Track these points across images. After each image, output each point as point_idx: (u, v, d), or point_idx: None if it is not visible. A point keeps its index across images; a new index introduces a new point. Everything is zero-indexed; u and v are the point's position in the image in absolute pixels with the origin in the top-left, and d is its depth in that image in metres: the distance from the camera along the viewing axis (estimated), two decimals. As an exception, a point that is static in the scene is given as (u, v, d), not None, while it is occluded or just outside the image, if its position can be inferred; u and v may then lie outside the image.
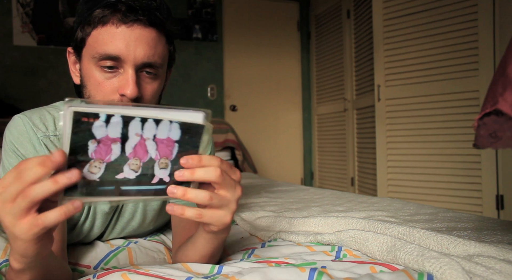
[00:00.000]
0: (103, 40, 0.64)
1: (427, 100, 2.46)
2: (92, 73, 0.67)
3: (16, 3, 3.11)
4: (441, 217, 1.00)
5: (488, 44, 2.19)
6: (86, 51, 0.67)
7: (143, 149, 0.48)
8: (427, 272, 0.54)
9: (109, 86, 0.67)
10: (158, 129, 0.48)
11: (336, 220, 0.87)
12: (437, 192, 2.43)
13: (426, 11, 2.44)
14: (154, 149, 0.48)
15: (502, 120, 0.45)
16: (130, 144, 0.47)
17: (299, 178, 4.13)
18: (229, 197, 0.53)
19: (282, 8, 4.04)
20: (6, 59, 3.10)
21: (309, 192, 1.57)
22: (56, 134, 0.75)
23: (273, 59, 4.00)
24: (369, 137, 2.96)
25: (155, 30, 0.67)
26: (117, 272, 0.57)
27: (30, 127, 0.72)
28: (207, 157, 0.51)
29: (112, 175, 0.47)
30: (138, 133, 0.47)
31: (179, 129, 0.49)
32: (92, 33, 0.66)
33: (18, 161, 0.71)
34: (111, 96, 0.67)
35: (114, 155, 0.46)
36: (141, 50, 0.65)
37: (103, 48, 0.64)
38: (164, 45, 0.70)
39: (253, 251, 0.76)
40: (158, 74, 0.70)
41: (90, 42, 0.66)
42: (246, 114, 3.88)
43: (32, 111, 0.76)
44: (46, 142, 0.73)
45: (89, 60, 0.67)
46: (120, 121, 0.45)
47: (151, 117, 0.46)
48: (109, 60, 0.65)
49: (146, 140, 0.47)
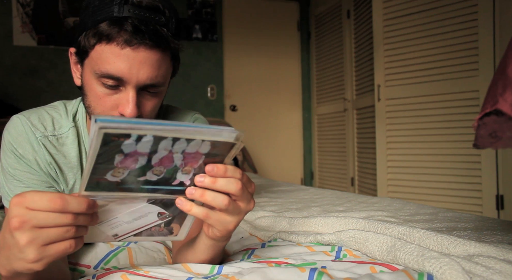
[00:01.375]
0: (106, 59, 0.62)
1: (427, 100, 2.46)
2: (93, 86, 0.66)
3: (16, 3, 3.11)
4: (441, 217, 1.00)
5: (488, 44, 2.19)
6: (89, 63, 0.65)
7: (170, 159, 0.47)
8: (427, 272, 0.54)
9: (110, 102, 0.66)
10: (188, 146, 0.47)
11: (336, 220, 0.87)
12: (437, 192, 2.43)
13: (426, 11, 2.44)
14: (181, 159, 0.48)
15: (502, 120, 0.45)
16: (158, 156, 0.46)
17: (299, 178, 4.13)
18: (242, 208, 0.54)
19: (282, 8, 4.04)
20: (6, 59, 3.10)
21: (309, 192, 1.56)
22: (54, 134, 0.74)
23: (273, 59, 4.00)
24: (369, 137, 2.96)
25: (160, 51, 0.65)
26: (116, 273, 0.57)
27: (29, 128, 0.72)
28: (231, 168, 0.51)
29: (134, 178, 0.47)
30: (167, 148, 0.46)
31: (209, 146, 0.48)
32: (96, 48, 0.63)
33: (17, 161, 0.71)
34: (110, 112, 0.66)
35: (140, 164, 0.46)
36: (144, 73, 0.64)
37: (106, 68, 0.63)
38: (168, 64, 0.68)
39: (253, 251, 0.76)
40: (160, 91, 0.70)
41: (93, 56, 0.64)
42: (246, 114, 3.88)
43: (30, 112, 0.75)
44: (44, 142, 0.73)
45: (91, 73, 0.65)
46: (151, 140, 0.44)
47: (184, 137, 0.45)
48: (110, 80, 0.64)
49: (174, 153, 0.47)
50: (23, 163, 0.72)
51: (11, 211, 0.43)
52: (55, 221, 0.43)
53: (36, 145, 0.72)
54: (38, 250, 0.43)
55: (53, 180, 0.74)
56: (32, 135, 0.72)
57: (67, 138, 0.76)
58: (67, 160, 0.75)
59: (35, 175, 0.72)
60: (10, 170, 0.72)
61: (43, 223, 0.43)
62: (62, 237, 0.44)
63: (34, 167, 0.72)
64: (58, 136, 0.75)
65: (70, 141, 0.76)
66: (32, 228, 0.42)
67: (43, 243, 0.43)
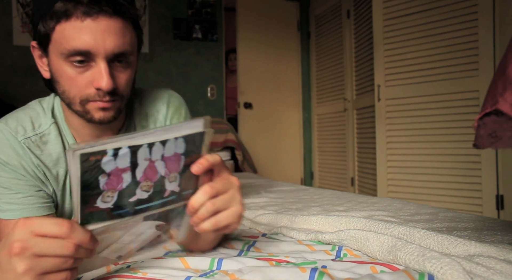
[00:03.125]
0: (69, 35, 0.62)
1: (427, 100, 2.46)
2: (63, 69, 0.65)
3: (16, 3, 3.11)
4: (441, 217, 1.00)
5: (488, 44, 2.19)
6: (53, 47, 0.64)
7: (153, 170, 0.48)
8: (427, 272, 0.54)
9: (83, 81, 0.65)
10: (165, 148, 0.48)
11: (337, 219, 0.87)
12: (437, 192, 2.43)
13: (426, 11, 2.44)
14: (163, 167, 0.49)
15: (502, 120, 0.45)
16: (140, 169, 0.47)
17: (299, 178, 4.13)
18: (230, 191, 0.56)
19: (282, 8, 4.04)
20: (6, 59, 3.10)
21: (309, 192, 1.57)
22: (36, 133, 0.72)
23: (273, 59, 4.00)
24: (369, 137, 2.96)
25: (120, 19, 0.64)
26: (114, 278, 0.57)
27: (8, 133, 0.70)
28: (210, 157, 0.54)
29: (125, 200, 0.48)
30: (146, 158, 0.47)
31: (184, 142, 0.49)
32: (56, 29, 0.62)
33: (2, 169, 0.69)
34: (86, 90, 0.66)
35: (126, 182, 0.47)
36: (111, 42, 0.63)
37: (71, 44, 0.62)
38: (131, 31, 0.68)
39: (254, 243, 0.76)
40: (130, 62, 0.69)
41: (55, 38, 0.63)
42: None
43: (5, 117, 0.73)
44: (28, 145, 0.71)
45: (58, 56, 0.64)
46: (128, 152, 0.45)
47: (157, 140, 0.46)
48: (78, 56, 0.63)
49: (155, 162, 0.48)
50: (8, 169, 0.69)
51: (14, 234, 0.43)
52: (55, 251, 0.43)
53: (20, 148, 0.70)
54: (34, 278, 0.43)
55: (41, 182, 0.72)
56: (13, 139, 0.70)
57: (50, 135, 0.74)
58: (53, 157, 0.73)
59: (22, 180, 0.70)
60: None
61: (44, 251, 0.43)
62: (59, 268, 0.44)
63: (21, 171, 0.70)
64: (40, 134, 0.73)
65: (53, 137, 0.74)
66: (32, 255, 0.42)
67: (40, 272, 0.43)
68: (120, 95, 0.69)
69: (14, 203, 0.69)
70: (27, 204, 0.69)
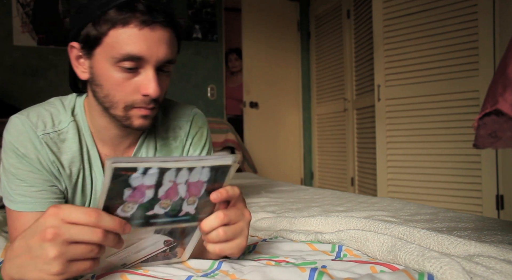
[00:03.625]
0: (124, 41, 0.64)
1: (427, 100, 2.46)
2: (110, 73, 0.67)
3: (16, 3, 3.11)
4: (441, 217, 1.00)
5: (488, 44, 2.19)
6: (102, 50, 0.66)
7: (175, 191, 0.51)
8: (427, 272, 0.54)
9: (130, 86, 0.67)
10: (190, 174, 0.50)
11: (337, 219, 0.87)
12: (437, 192, 2.43)
13: (426, 11, 2.44)
14: (185, 190, 0.51)
15: (502, 120, 0.45)
16: (164, 188, 0.49)
17: (299, 178, 4.13)
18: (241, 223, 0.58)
19: (282, 8, 4.04)
20: (6, 59, 3.10)
21: (309, 192, 1.57)
22: (55, 130, 0.74)
23: (273, 59, 3.99)
24: (369, 137, 2.96)
25: (171, 29, 0.68)
26: (116, 273, 0.57)
27: (29, 126, 0.72)
28: (230, 188, 0.56)
29: (142, 212, 0.50)
30: (171, 180, 0.49)
31: (209, 172, 0.52)
32: (109, 33, 0.64)
33: (19, 161, 0.71)
34: (132, 96, 0.68)
35: (147, 197, 0.49)
36: (163, 51, 0.66)
37: (125, 49, 0.64)
38: (176, 42, 0.72)
39: (254, 247, 0.76)
40: (170, 70, 0.73)
41: (107, 42, 0.65)
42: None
43: (28, 110, 0.75)
44: (46, 140, 0.72)
45: (106, 60, 0.66)
46: (156, 172, 0.47)
47: (185, 166, 0.49)
48: (130, 61, 0.65)
49: (178, 184, 0.50)
50: (25, 162, 0.71)
51: (46, 221, 0.45)
52: (85, 237, 0.45)
53: (38, 143, 0.72)
54: (63, 264, 0.45)
55: (55, 178, 0.74)
56: (33, 134, 0.72)
57: (68, 133, 0.75)
58: (69, 155, 0.75)
59: (37, 174, 0.72)
60: (12, 169, 0.71)
61: (75, 237, 0.45)
62: (85, 256, 0.46)
63: (37, 165, 0.71)
64: (59, 132, 0.74)
65: (71, 135, 0.75)
66: (63, 242, 0.44)
67: (69, 259, 0.45)
68: (159, 102, 0.72)
69: (27, 196, 0.70)
70: (40, 198, 0.71)
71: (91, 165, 0.79)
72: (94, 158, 0.79)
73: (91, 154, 0.78)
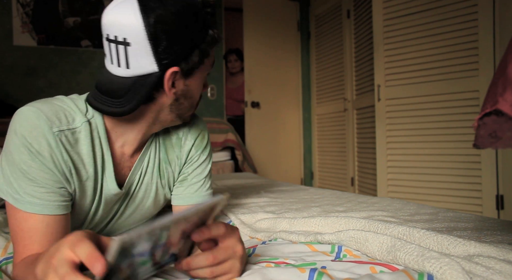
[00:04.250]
0: (211, 58, 0.79)
1: (427, 100, 2.46)
2: (198, 90, 0.81)
3: (16, 3, 3.11)
4: (441, 217, 1.00)
5: (488, 44, 2.19)
6: (202, 70, 0.78)
7: (169, 242, 0.50)
8: (427, 273, 0.54)
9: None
10: (185, 222, 0.50)
11: (336, 219, 0.87)
12: (437, 192, 2.43)
13: (426, 11, 2.44)
14: (177, 238, 0.51)
15: (502, 120, 0.45)
16: (159, 245, 0.49)
17: (299, 178, 4.13)
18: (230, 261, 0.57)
19: (282, 8, 4.04)
20: (6, 59, 3.10)
21: (309, 192, 1.56)
22: (69, 128, 0.70)
23: (273, 59, 3.99)
24: (369, 137, 2.96)
25: None
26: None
27: (44, 121, 0.67)
28: (214, 226, 0.56)
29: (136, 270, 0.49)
30: (167, 233, 0.49)
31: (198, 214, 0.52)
32: (210, 52, 0.77)
33: (32, 158, 0.66)
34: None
35: (143, 257, 0.48)
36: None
37: (211, 63, 0.80)
38: None
39: (254, 250, 0.76)
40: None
41: (206, 63, 0.77)
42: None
43: (40, 102, 0.70)
44: (61, 138, 0.68)
45: (201, 79, 0.79)
46: (158, 232, 0.46)
47: (182, 217, 0.48)
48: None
49: (171, 237, 0.50)
50: (38, 160, 0.66)
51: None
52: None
53: (53, 140, 0.67)
54: None
55: (65, 179, 0.70)
56: (48, 130, 0.67)
57: (80, 134, 0.72)
58: (80, 157, 0.72)
59: (48, 174, 0.67)
60: (23, 166, 0.66)
61: None
62: None
63: (49, 165, 0.67)
64: (73, 130, 0.71)
65: (83, 136, 0.72)
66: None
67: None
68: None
69: (36, 197, 0.67)
70: (48, 200, 0.68)
71: (104, 168, 0.77)
72: (107, 160, 0.77)
73: (105, 157, 0.76)
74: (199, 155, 0.92)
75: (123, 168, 0.82)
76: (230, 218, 1.09)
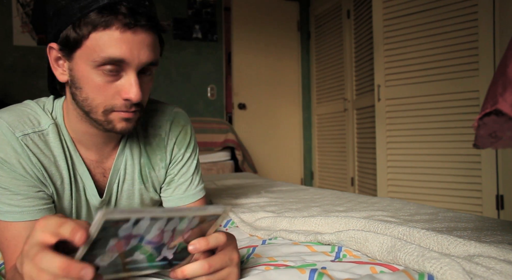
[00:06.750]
0: (105, 44, 0.62)
1: (427, 100, 2.46)
2: (91, 76, 0.64)
3: (16, 3, 3.11)
4: (441, 217, 1.00)
5: (488, 44, 2.19)
6: (82, 53, 0.64)
7: (160, 237, 0.49)
8: (427, 273, 0.54)
9: (111, 90, 0.65)
10: (180, 223, 0.49)
11: (337, 219, 0.86)
12: (437, 192, 2.43)
13: (426, 11, 2.44)
14: (169, 236, 0.50)
15: (502, 120, 0.45)
16: (150, 236, 0.47)
17: (299, 178, 4.12)
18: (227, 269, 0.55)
19: (282, 8, 4.04)
20: (6, 59, 3.10)
21: (309, 192, 1.56)
22: (35, 131, 0.70)
23: (273, 59, 4.00)
24: (369, 137, 2.96)
25: (153, 33, 0.66)
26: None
27: (6, 128, 0.67)
28: (213, 238, 0.52)
29: (121, 259, 0.48)
30: (160, 228, 0.47)
31: (198, 220, 0.50)
32: (90, 36, 0.62)
33: (0, 167, 0.66)
34: (112, 100, 0.66)
35: (131, 245, 0.47)
36: (144, 54, 0.65)
37: (106, 52, 0.62)
38: (158, 45, 0.70)
39: (253, 249, 0.76)
40: (153, 73, 0.71)
41: (88, 45, 0.63)
42: (247, 114, 3.87)
43: (3, 110, 0.70)
44: (26, 142, 0.68)
45: (87, 63, 0.64)
46: (147, 223, 0.45)
47: (177, 216, 0.47)
48: (111, 65, 0.63)
49: (164, 232, 0.48)
50: (6, 168, 0.66)
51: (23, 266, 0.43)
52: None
53: (18, 145, 0.67)
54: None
55: (41, 183, 0.70)
56: (11, 135, 0.67)
57: (49, 136, 0.71)
58: (52, 159, 0.71)
59: (21, 181, 0.67)
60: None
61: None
62: None
63: (19, 171, 0.67)
64: (39, 133, 0.70)
65: (52, 138, 0.72)
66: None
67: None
68: (142, 106, 0.70)
69: (14, 205, 0.66)
70: (27, 207, 0.67)
71: (75, 170, 0.76)
72: (78, 163, 0.75)
73: (74, 159, 0.75)
74: (183, 153, 0.88)
75: (95, 174, 0.79)
76: (230, 217, 1.09)
